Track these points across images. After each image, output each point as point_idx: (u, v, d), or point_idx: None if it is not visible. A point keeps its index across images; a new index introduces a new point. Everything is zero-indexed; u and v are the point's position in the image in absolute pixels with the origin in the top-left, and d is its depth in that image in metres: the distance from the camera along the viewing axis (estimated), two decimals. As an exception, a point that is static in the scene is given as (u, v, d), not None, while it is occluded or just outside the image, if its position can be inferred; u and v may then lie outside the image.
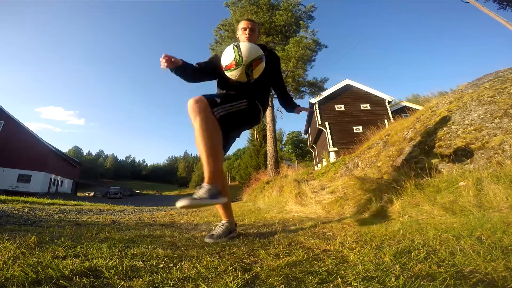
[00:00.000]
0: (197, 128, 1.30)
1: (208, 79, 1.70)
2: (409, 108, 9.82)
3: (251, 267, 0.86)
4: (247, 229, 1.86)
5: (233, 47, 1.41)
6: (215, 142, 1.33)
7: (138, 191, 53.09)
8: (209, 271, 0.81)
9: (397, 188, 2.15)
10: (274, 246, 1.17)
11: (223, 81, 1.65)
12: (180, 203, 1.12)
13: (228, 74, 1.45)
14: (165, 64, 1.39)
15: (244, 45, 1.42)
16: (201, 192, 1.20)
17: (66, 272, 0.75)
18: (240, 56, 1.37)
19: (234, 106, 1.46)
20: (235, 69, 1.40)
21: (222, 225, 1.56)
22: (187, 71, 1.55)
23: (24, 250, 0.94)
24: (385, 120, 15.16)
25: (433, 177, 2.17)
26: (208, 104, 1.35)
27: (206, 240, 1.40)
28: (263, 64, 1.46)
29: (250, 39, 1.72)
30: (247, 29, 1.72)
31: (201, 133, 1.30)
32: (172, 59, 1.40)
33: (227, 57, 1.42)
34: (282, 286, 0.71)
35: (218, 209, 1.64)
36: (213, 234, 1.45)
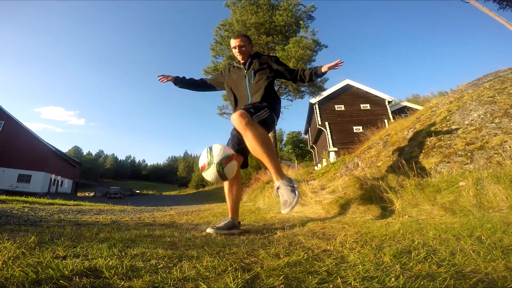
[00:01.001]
0: (251, 137, 1.48)
1: (209, 90, 2.16)
2: (409, 108, 9.80)
3: (251, 267, 0.86)
4: (247, 229, 1.86)
5: (206, 149, 1.56)
6: (271, 144, 1.53)
7: (138, 191, 53.08)
8: (209, 271, 0.81)
9: (397, 188, 2.15)
10: (274, 246, 1.17)
11: (234, 96, 1.93)
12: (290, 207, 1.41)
13: (203, 175, 1.56)
14: (163, 80, 2.00)
15: (215, 147, 1.55)
16: (287, 190, 1.43)
17: (66, 272, 0.75)
18: (212, 156, 1.51)
19: (262, 115, 1.64)
20: (207, 168, 1.51)
21: (226, 220, 1.74)
22: (184, 84, 2.08)
23: (24, 250, 0.94)
24: (385, 120, 15.16)
25: (433, 177, 2.17)
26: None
27: (208, 230, 1.58)
28: (235, 162, 1.57)
29: (243, 56, 1.94)
30: (237, 48, 1.92)
31: (257, 140, 1.47)
32: (167, 76, 2.01)
33: (201, 159, 1.57)
34: (282, 286, 0.71)
35: (227, 204, 1.83)
36: (215, 226, 1.64)
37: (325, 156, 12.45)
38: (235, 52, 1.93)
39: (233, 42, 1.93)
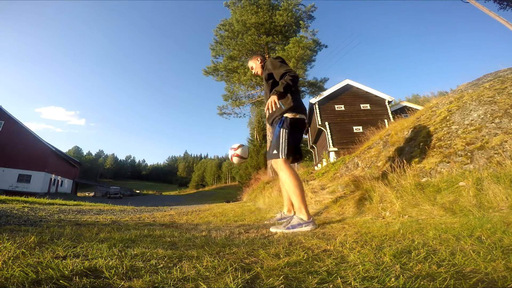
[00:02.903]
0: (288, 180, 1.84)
1: None
2: (409, 108, 9.79)
3: (251, 267, 0.86)
4: (247, 229, 1.85)
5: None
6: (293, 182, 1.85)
7: (138, 191, 53.08)
8: (209, 271, 0.81)
9: (397, 188, 2.15)
10: (274, 246, 1.17)
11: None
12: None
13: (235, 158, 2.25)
14: None
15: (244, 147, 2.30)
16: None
17: (66, 272, 0.75)
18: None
19: (275, 151, 1.92)
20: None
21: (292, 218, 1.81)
22: None
23: (24, 250, 0.94)
24: (385, 120, 15.16)
25: (433, 177, 2.17)
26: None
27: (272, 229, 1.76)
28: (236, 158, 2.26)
29: (257, 74, 2.39)
30: (251, 69, 2.41)
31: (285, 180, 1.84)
32: None
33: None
34: (282, 286, 0.71)
35: (286, 200, 2.38)
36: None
37: (325, 156, 12.44)
38: (252, 72, 2.49)
39: (249, 66, 2.41)
